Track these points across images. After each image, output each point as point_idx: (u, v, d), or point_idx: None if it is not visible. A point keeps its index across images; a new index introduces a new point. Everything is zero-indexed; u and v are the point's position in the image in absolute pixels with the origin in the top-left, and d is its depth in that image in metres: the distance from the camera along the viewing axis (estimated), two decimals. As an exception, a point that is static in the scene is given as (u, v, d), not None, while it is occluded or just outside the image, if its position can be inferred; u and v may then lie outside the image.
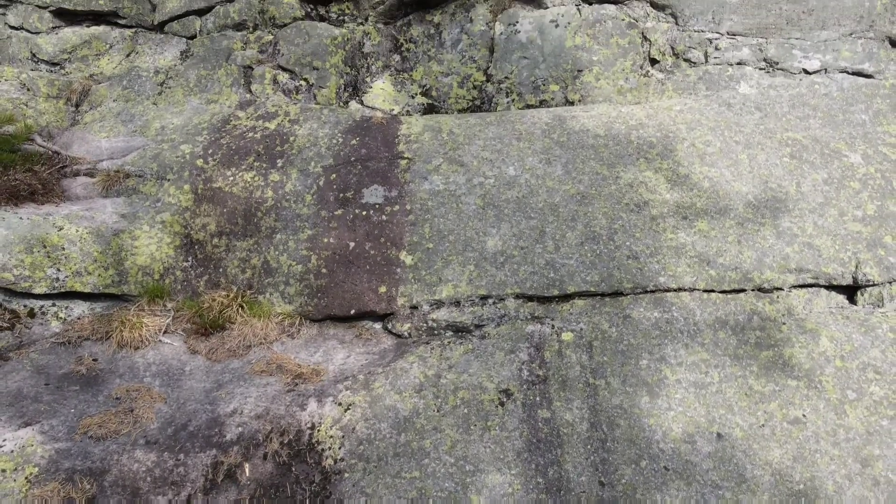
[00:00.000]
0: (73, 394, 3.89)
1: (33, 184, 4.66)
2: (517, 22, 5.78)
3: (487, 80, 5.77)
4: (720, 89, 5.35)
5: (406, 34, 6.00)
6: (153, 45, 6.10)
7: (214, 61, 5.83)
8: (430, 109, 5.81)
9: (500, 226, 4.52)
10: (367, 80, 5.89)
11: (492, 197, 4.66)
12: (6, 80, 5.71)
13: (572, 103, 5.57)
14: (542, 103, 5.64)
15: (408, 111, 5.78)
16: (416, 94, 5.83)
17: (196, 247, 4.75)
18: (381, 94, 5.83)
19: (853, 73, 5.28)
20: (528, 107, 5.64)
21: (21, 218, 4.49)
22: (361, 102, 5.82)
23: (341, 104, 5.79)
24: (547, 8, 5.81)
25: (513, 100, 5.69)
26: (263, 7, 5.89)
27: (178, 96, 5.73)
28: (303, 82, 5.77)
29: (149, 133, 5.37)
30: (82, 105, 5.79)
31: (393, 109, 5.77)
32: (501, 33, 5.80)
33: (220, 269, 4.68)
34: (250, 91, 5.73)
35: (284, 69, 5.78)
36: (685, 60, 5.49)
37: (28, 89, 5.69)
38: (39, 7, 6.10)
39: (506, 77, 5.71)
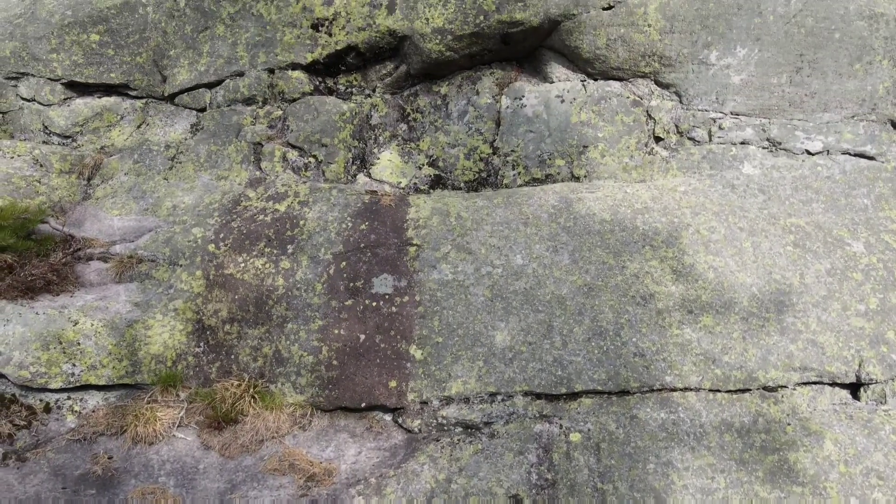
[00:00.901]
0: (89, 498, 3.96)
1: (48, 275, 4.73)
2: (523, 96, 5.86)
3: (494, 153, 5.85)
4: (724, 169, 5.43)
5: (413, 104, 6.09)
6: (163, 116, 6.18)
7: (224, 137, 5.91)
8: (436, 180, 5.89)
9: (509, 319, 4.59)
10: (375, 150, 5.97)
11: (500, 288, 4.73)
12: (19, 155, 5.79)
13: (578, 178, 5.65)
14: (548, 177, 5.71)
15: (415, 183, 5.86)
16: (423, 165, 5.90)
17: (208, 332, 4.82)
18: (389, 165, 5.91)
19: (855, 155, 5.36)
20: (535, 180, 5.71)
21: (37, 313, 4.56)
22: (369, 175, 5.89)
23: (349, 178, 5.87)
24: (553, 83, 5.89)
25: (519, 173, 5.76)
26: (273, 81, 5.97)
27: (188, 171, 5.80)
28: (311, 159, 5.84)
29: (160, 212, 5.44)
30: (94, 179, 5.86)
31: (400, 182, 5.85)
32: (507, 107, 5.88)
33: (232, 356, 4.75)
34: (260, 168, 5.81)
35: (294, 146, 5.85)
36: (689, 139, 5.57)
37: (41, 165, 5.77)
38: (51, 80, 6.18)
39: (512, 150, 5.79)
